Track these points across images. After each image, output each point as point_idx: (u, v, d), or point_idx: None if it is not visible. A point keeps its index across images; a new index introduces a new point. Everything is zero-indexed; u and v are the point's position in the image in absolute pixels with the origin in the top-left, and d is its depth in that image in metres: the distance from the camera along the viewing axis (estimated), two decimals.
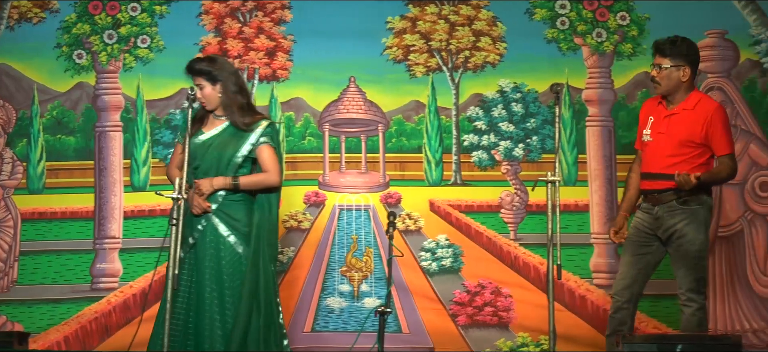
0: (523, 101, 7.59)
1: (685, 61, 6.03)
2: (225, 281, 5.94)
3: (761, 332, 7.41)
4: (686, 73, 6.03)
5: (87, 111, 7.58)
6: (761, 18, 7.64)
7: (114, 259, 7.47)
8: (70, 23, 7.63)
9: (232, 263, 5.96)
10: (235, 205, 6.01)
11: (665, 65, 6.04)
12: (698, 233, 5.96)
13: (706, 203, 6.01)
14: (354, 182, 7.59)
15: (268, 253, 5.99)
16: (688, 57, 6.04)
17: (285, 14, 7.66)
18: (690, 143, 5.98)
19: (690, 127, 5.99)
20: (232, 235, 5.97)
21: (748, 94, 7.59)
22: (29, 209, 7.53)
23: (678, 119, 6.03)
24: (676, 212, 5.99)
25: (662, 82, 6.06)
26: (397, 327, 7.36)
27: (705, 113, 5.98)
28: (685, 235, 5.97)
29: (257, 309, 5.93)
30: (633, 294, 6.11)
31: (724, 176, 6.05)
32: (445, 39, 7.63)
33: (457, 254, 7.49)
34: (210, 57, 6.40)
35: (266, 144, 6.01)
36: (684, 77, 6.04)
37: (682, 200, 5.97)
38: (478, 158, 7.58)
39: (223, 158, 6.02)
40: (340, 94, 7.62)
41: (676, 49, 6.03)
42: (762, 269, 7.46)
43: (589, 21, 7.66)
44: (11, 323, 7.37)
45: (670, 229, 6.01)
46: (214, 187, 5.97)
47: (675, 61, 6.02)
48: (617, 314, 6.12)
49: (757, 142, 7.55)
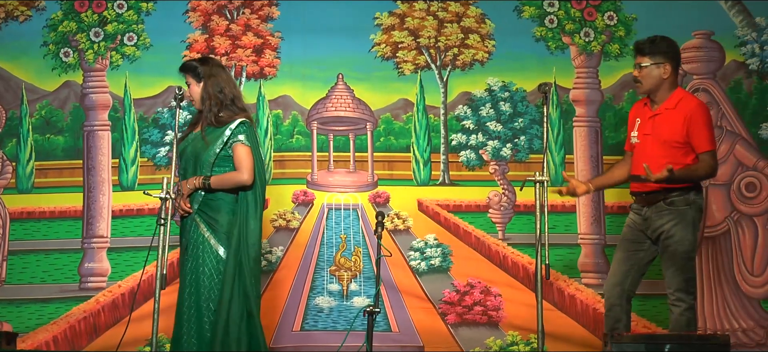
0: (511, 100, 7.59)
1: (665, 58, 6.05)
2: (203, 284, 5.91)
3: (750, 331, 7.44)
4: (667, 70, 6.05)
5: (75, 110, 7.55)
6: (747, 19, 7.66)
7: (102, 258, 7.45)
8: (57, 21, 7.60)
9: (211, 265, 5.92)
10: (214, 204, 5.97)
11: (645, 64, 6.06)
12: (686, 233, 5.97)
13: (694, 203, 6.01)
14: (342, 181, 7.57)
15: (250, 253, 5.94)
16: (667, 54, 6.07)
17: (272, 11, 7.63)
18: (674, 143, 5.99)
19: (672, 126, 6.00)
20: (213, 236, 5.94)
21: (734, 96, 7.61)
22: (18, 209, 7.50)
23: (661, 119, 6.05)
24: (663, 212, 6.00)
25: (644, 81, 6.09)
26: (386, 326, 7.36)
27: (686, 111, 5.98)
28: (673, 235, 5.98)
29: (240, 311, 5.89)
30: (624, 291, 6.12)
31: (701, 172, 6.00)
32: (433, 36, 7.62)
33: (446, 253, 7.49)
34: (203, 57, 6.40)
35: (239, 142, 5.95)
36: (665, 74, 6.05)
37: (669, 201, 5.98)
38: (466, 158, 7.58)
39: (200, 157, 6.00)
40: (328, 92, 7.61)
41: (655, 47, 6.06)
42: (749, 269, 7.49)
43: (577, 20, 7.66)
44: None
45: (658, 229, 6.02)
46: (189, 187, 5.96)
47: (654, 59, 6.05)
48: (611, 311, 6.14)
49: (742, 143, 7.57)
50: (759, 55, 7.63)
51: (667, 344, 5.53)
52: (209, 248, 5.92)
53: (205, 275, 5.90)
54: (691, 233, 5.97)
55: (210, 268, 5.91)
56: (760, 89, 7.63)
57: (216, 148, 5.96)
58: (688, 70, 7.60)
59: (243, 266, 5.92)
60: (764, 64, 7.63)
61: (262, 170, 6.06)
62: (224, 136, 5.97)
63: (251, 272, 5.94)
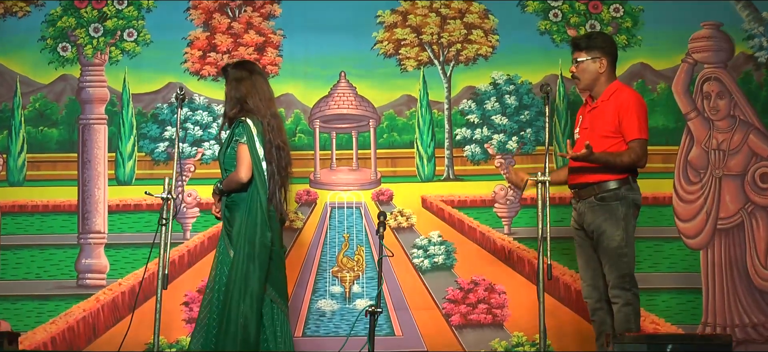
0: (516, 93, 7.49)
1: (601, 53, 6.13)
2: (215, 286, 6.00)
3: (761, 327, 7.33)
4: (603, 64, 6.12)
5: (71, 103, 7.47)
6: (753, 13, 7.61)
7: (100, 254, 7.34)
8: (56, 17, 7.55)
9: (222, 266, 6.01)
10: (230, 208, 6.09)
11: (581, 59, 6.15)
12: (615, 230, 5.96)
13: (625, 199, 6.00)
14: (345, 179, 7.47)
15: (254, 252, 5.94)
16: (603, 49, 6.15)
17: (274, 9, 7.58)
18: (607, 133, 6.03)
19: (606, 117, 6.05)
20: (226, 237, 6.05)
21: (745, 87, 7.54)
22: (9, 202, 7.40)
23: (597, 113, 6.13)
24: (595, 208, 6.04)
25: (581, 76, 6.17)
26: (390, 330, 7.26)
27: (618, 101, 6.03)
28: (604, 232, 6.00)
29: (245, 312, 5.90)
30: (601, 294, 6.13)
31: (625, 159, 5.96)
32: (436, 32, 7.54)
33: (450, 250, 7.38)
34: (238, 61, 6.53)
35: (238, 141, 6.05)
36: (601, 69, 6.13)
37: (600, 197, 6.01)
38: (471, 152, 7.48)
39: (219, 160, 6.23)
40: (331, 90, 7.53)
41: (592, 43, 6.16)
42: (762, 262, 7.38)
43: (582, 13, 7.59)
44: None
45: (591, 225, 6.07)
46: (212, 193, 6.23)
47: (591, 53, 6.13)
48: (595, 315, 6.19)
49: (756, 133, 7.48)
50: (767, 48, 7.57)
51: (669, 344, 5.56)
52: (223, 249, 6.05)
53: (217, 276, 6.00)
54: (621, 230, 5.96)
55: (221, 268, 6.01)
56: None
57: (226, 149, 6.12)
58: (699, 59, 7.55)
59: (244, 262, 5.93)
60: None
61: (259, 165, 6.05)
62: (229, 137, 6.12)
63: (258, 273, 5.93)
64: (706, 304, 7.33)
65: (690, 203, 7.42)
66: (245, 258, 5.93)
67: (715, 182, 7.42)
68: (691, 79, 7.52)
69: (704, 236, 7.40)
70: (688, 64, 7.53)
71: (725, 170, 7.43)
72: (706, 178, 7.44)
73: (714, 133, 7.47)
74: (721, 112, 7.50)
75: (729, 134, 7.47)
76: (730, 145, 7.46)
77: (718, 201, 7.41)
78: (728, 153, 7.45)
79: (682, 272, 7.36)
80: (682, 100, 7.50)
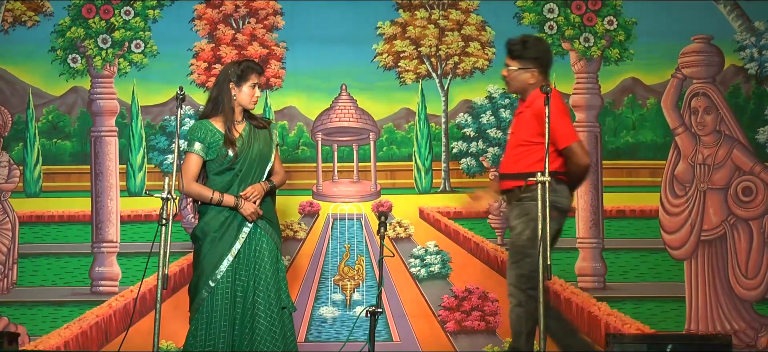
0: (511, 107, 7.65)
1: (534, 64, 5.99)
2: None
3: (742, 333, 7.61)
4: (534, 75, 5.99)
5: (82, 115, 7.66)
6: (746, 23, 7.72)
7: (112, 262, 7.61)
8: (65, 27, 7.68)
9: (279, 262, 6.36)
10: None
11: (513, 67, 6.03)
12: (526, 227, 5.83)
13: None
14: (346, 192, 7.70)
15: None
16: (537, 60, 6.01)
17: (277, 21, 7.70)
18: (524, 141, 5.93)
19: (526, 123, 5.93)
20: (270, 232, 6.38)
21: (732, 100, 7.70)
22: (27, 212, 7.65)
23: (520, 118, 6.06)
24: (514, 208, 5.97)
25: (511, 82, 6.08)
26: (388, 336, 7.54)
27: (536, 108, 5.80)
28: (514, 228, 5.93)
29: None
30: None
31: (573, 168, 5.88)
32: (434, 44, 7.69)
33: (446, 260, 7.64)
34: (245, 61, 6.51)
35: (279, 146, 6.41)
36: (531, 79, 6.00)
37: (519, 199, 5.91)
38: (467, 165, 7.70)
39: (265, 157, 6.43)
40: (332, 103, 7.71)
41: (526, 52, 6.01)
42: (743, 272, 7.64)
43: (576, 26, 7.72)
44: (14, 325, 7.53)
45: (509, 224, 6.04)
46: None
47: (523, 63, 5.99)
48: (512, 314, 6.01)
49: (740, 147, 7.68)
50: (757, 59, 7.71)
51: (669, 344, 5.73)
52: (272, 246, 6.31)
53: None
54: (530, 229, 5.79)
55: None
56: (758, 94, 7.72)
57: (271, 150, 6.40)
58: (688, 74, 7.69)
59: None
60: (763, 68, 7.70)
61: None
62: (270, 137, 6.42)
63: None
64: (690, 312, 7.59)
65: (675, 215, 7.65)
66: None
67: (699, 196, 7.64)
68: (680, 94, 7.67)
69: (688, 247, 7.64)
70: (677, 79, 7.69)
71: (709, 184, 7.63)
72: (691, 191, 7.65)
73: (700, 148, 7.65)
74: (708, 127, 7.67)
75: (714, 149, 7.65)
76: (715, 159, 7.64)
77: (703, 214, 7.63)
78: (713, 167, 7.64)
79: (666, 282, 7.61)
80: (671, 116, 7.68)
